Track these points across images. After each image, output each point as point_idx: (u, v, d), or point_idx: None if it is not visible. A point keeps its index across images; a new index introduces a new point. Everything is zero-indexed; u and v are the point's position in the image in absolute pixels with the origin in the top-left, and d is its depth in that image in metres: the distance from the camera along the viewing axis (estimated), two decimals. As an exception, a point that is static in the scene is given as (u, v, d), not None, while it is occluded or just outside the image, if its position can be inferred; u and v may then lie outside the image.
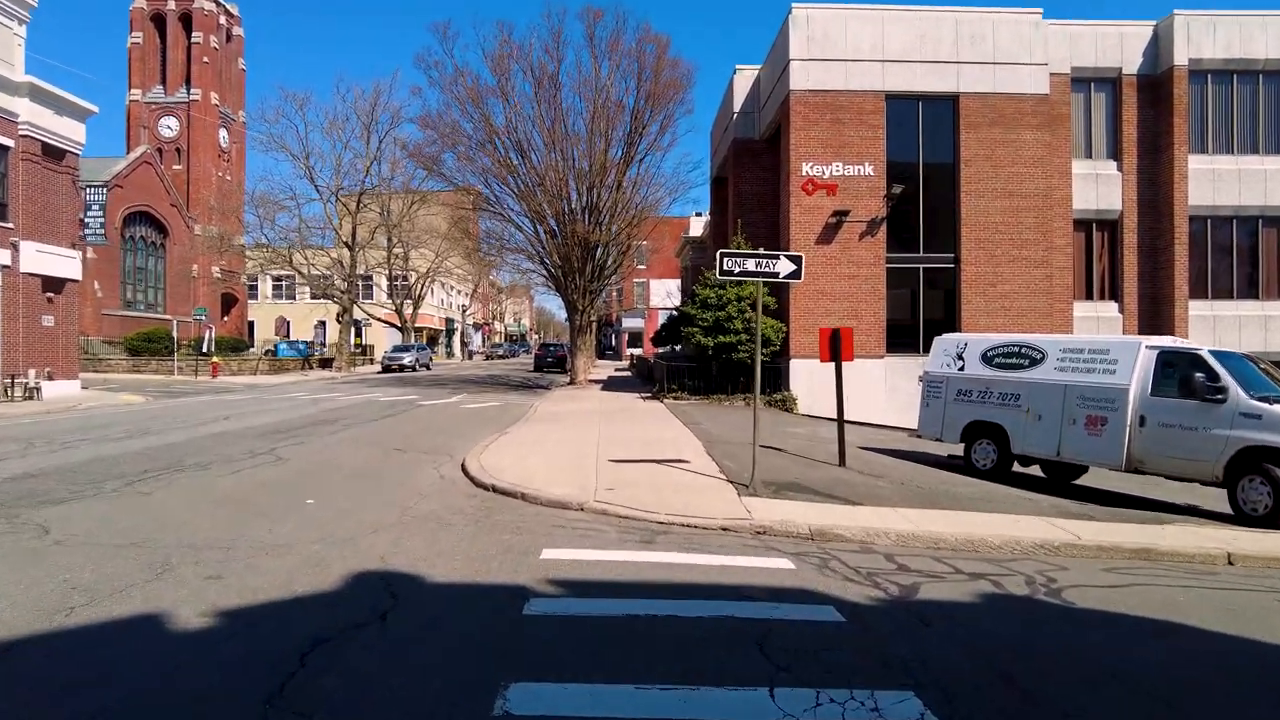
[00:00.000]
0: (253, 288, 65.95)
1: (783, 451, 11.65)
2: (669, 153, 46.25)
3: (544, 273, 28.73)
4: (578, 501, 7.64)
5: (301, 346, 45.14)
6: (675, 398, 19.54)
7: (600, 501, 7.64)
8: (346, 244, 41.89)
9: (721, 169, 26.98)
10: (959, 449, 12.20)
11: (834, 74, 19.89)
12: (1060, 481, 11.45)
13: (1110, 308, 21.08)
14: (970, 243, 20.03)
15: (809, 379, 19.46)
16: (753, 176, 23.63)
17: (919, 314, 20.29)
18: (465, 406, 19.47)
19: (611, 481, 8.63)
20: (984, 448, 11.78)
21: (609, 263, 27.80)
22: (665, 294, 50.88)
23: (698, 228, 41.13)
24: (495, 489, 8.45)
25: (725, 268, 8.52)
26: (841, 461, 10.78)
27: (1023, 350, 11.58)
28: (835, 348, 11.04)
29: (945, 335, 13.35)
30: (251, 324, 68.15)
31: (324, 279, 41.52)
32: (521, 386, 28.76)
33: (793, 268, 8.73)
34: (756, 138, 23.69)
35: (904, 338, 20.10)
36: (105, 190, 31.10)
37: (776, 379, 19.86)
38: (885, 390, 19.69)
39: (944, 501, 8.59)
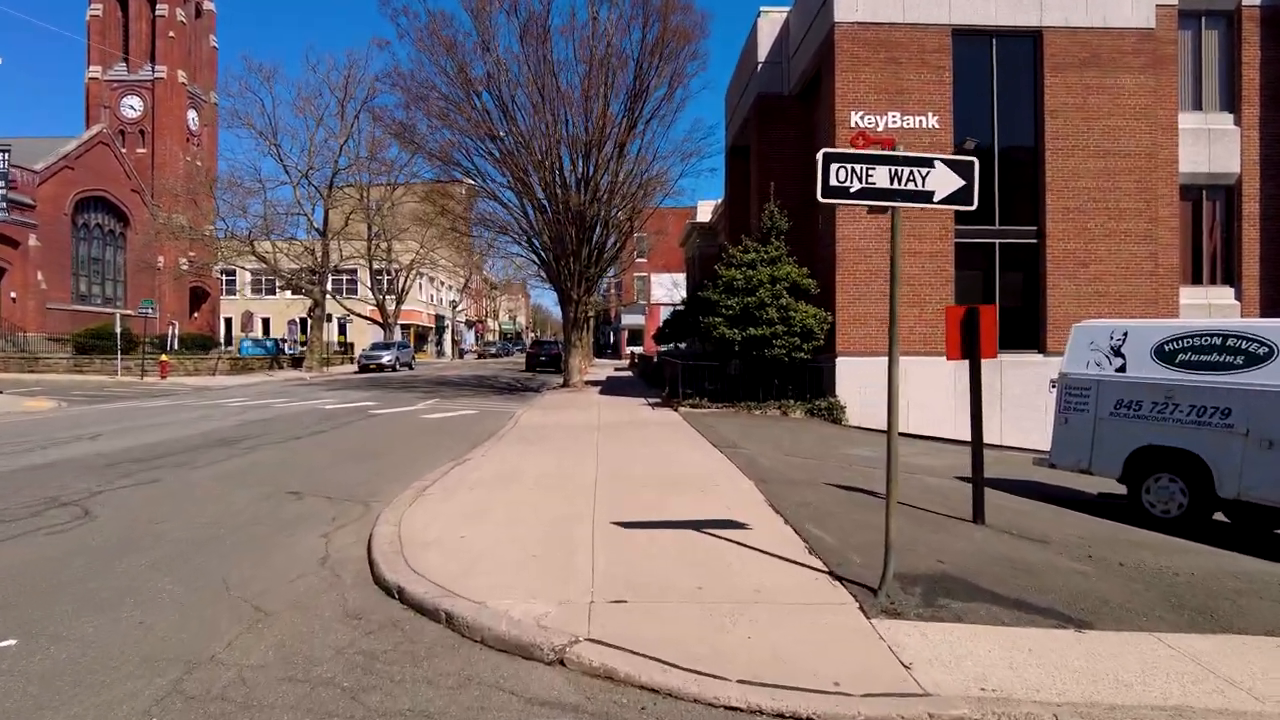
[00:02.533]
0: (230, 282, 62.11)
1: (874, 494, 7.75)
2: (679, 115, 41.13)
3: (534, 258, 24.83)
4: (553, 646, 3.73)
5: (270, 344, 41.18)
6: (693, 405, 15.65)
7: (599, 641, 3.76)
8: (318, 231, 37.93)
9: (739, 136, 23.08)
10: (1113, 482, 8.51)
11: (888, 3, 16.01)
12: (1264, 531, 7.81)
13: (1225, 293, 17.21)
14: (1057, 213, 16.15)
15: (860, 381, 15.58)
16: (780, 138, 19.73)
17: (994, 300, 16.39)
18: (428, 417, 15.54)
19: (621, 577, 4.73)
20: (1166, 486, 7.98)
21: (609, 245, 23.87)
22: (672, 284, 46.97)
23: (705, 213, 37.23)
24: (404, 596, 4.56)
25: (833, 183, 4.63)
26: (977, 516, 6.89)
27: (1234, 341, 7.70)
28: (970, 336, 7.16)
29: (1089, 322, 9.46)
30: (229, 321, 64.31)
31: (295, 271, 37.51)
32: (508, 389, 24.85)
33: (959, 183, 4.86)
34: (785, 92, 19.80)
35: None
36: (7, 156, 27.01)
37: (818, 381, 15.97)
38: (953, 395, 15.81)
39: (1229, 613, 4.68)
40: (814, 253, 17.44)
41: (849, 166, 4.64)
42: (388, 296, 48.17)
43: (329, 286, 57.65)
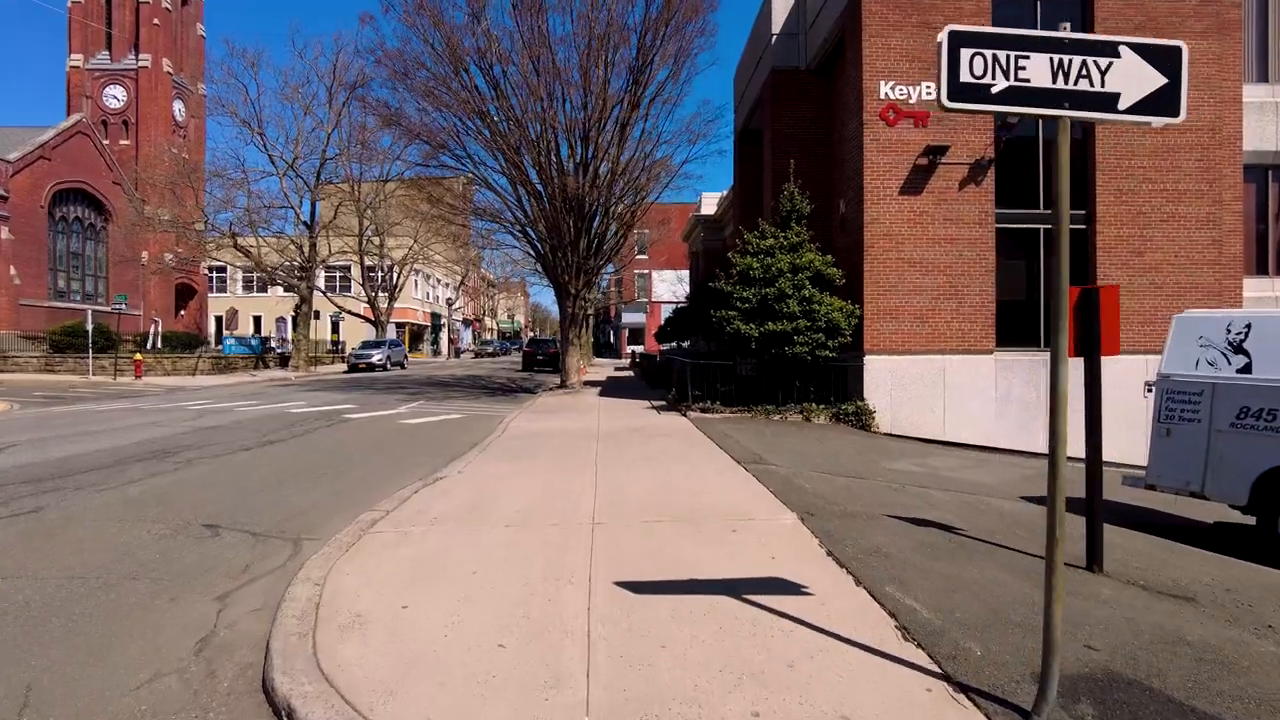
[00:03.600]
0: (220, 280, 60.54)
1: (949, 530, 6.05)
2: (685, 93, 38.38)
3: (529, 250, 23.15)
4: None
5: (255, 343, 39.48)
6: (703, 409, 13.95)
7: None
8: (305, 224, 36.23)
9: (750, 118, 21.38)
10: (1233, 509, 6.90)
11: (922, -40, 14.33)
12: None
13: (1292, 286, 15.56)
14: (1108, 194, 14.47)
15: (891, 383, 13.92)
16: (797, 117, 18.03)
17: (1038, 292, 14.74)
18: (408, 422, 13.86)
19: (633, 692, 3.07)
20: (1313, 518, 6.36)
21: (609, 235, 22.18)
22: (675, 280, 45.31)
23: (710, 205, 35.51)
24: (288, 732, 2.90)
25: (966, 78, 2.94)
26: (1093, 563, 5.21)
27: None
28: (1088, 325, 5.50)
29: (1195, 313, 7.77)
30: (219, 319, 62.73)
31: (278, 266, 35.79)
32: (501, 390, 23.18)
33: (1158, 80, 3.17)
34: (803, 66, 18.10)
35: (1019, 325, 14.56)
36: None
37: (843, 382, 14.29)
38: (995, 399, 14.15)
39: None
40: (832, 242, 15.78)
41: (990, 55, 2.96)
42: (380, 294, 46.48)
43: (321, 284, 56.18)
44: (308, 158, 35.46)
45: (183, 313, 51.27)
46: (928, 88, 14.20)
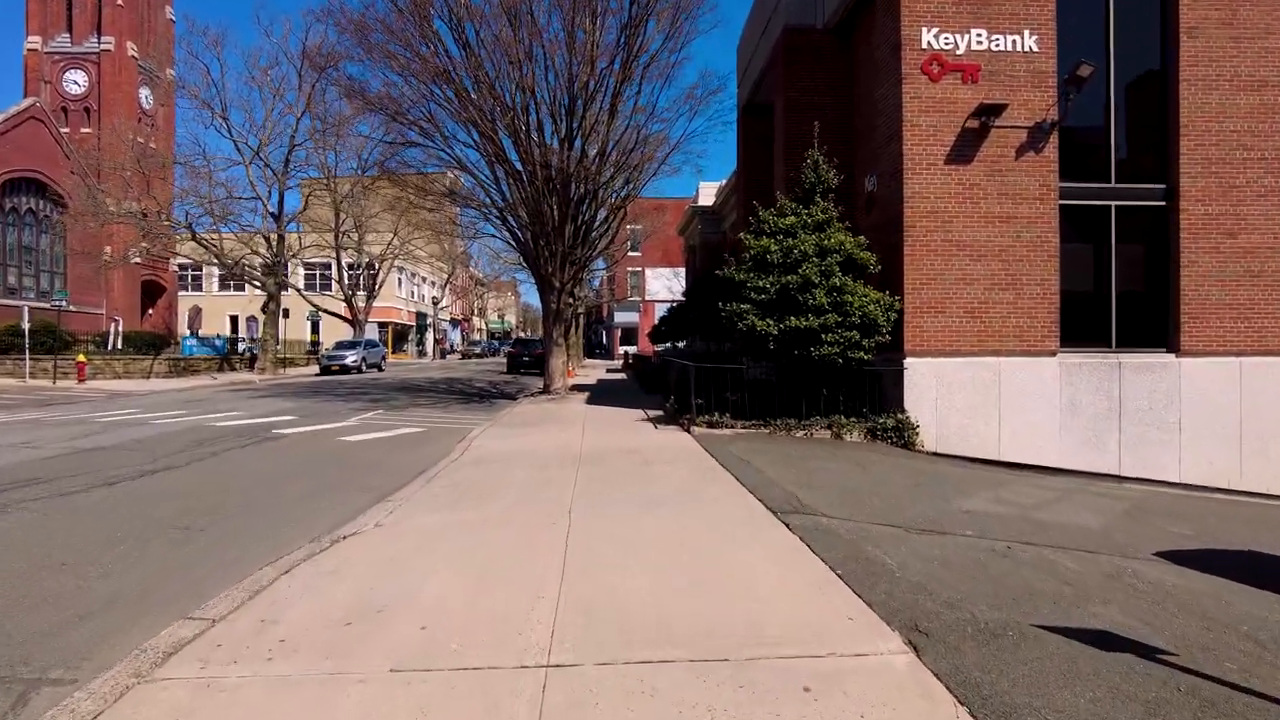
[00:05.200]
0: (195, 277, 57.83)
1: (1154, 656, 3.59)
2: (683, 59, 33.59)
3: (509, 241, 20.65)
4: None
5: (220, 343, 36.86)
6: (709, 423, 11.44)
7: None
8: (272, 215, 33.59)
9: (758, 89, 18.91)
10: None
11: (971, -117, 11.92)
12: None
13: (1404, 275, 13.20)
14: (1194, 165, 12.10)
15: (936, 390, 11.50)
16: (812, 84, 15.60)
17: (1109, 283, 12.35)
18: (349, 440, 11.34)
19: None
20: None
21: (598, 221, 19.72)
22: (672, 277, 42.88)
23: (708, 195, 33.07)
24: None
25: None
26: None
27: None
28: None
29: None
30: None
31: (239, 260, 33.17)
32: (477, 396, 20.68)
33: None
34: (819, 25, 15.66)
35: (1086, 321, 12.18)
36: None
37: (876, 389, 11.81)
38: (1059, 409, 11.75)
39: None
40: (856, 223, 13.33)
41: None
42: (358, 291, 43.88)
43: (301, 282, 53.48)
44: (274, 140, 32.79)
45: (151, 312, 48.47)
46: (978, 35, 11.80)
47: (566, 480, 7.47)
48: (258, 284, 34.18)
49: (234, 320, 58.56)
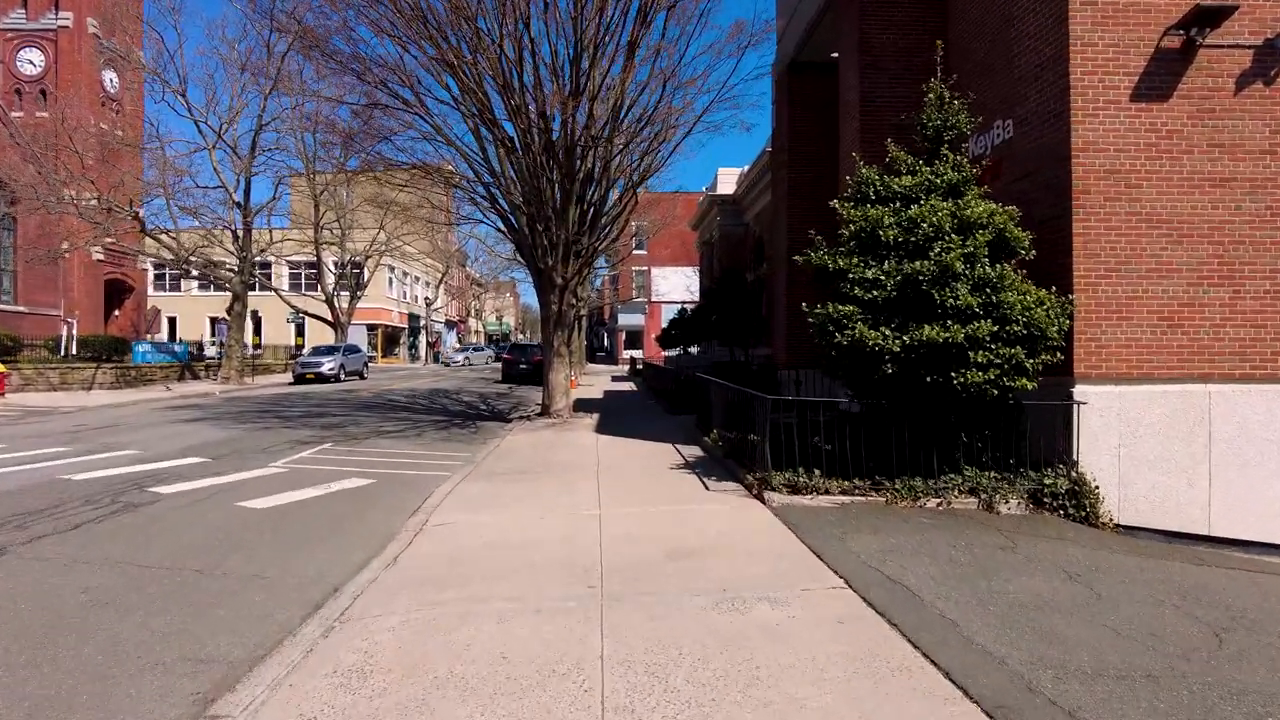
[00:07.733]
0: (175, 277, 54.01)
1: None
2: (712, 7, 27.67)
3: (500, 228, 16.93)
4: None
5: (180, 349, 33.11)
6: (791, 485, 7.57)
7: None
8: (238, 205, 29.81)
9: (809, 38, 15.11)
10: None
11: None
12: None
13: None
14: None
15: (1120, 433, 7.75)
16: (900, 17, 11.92)
17: (1357, 276, 8.59)
18: (249, 506, 7.55)
19: None
20: None
21: (609, 203, 15.99)
22: (684, 275, 39.15)
23: (728, 183, 29.35)
24: None
25: None
26: None
27: None
28: None
29: None
30: (173, 320, 56.33)
31: (196, 254, 29.41)
32: (460, 417, 16.92)
33: None
34: (904, -61, 11.93)
35: (1326, 332, 8.43)
36: None
37: (1020, 429, 7.99)
38: (1297, 460, 7.99)
39: None
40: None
41: None
42: (339, 292, 40.15)
43: (285, 281, 49.75)
44: (240, 120, 29.01)
45: (117, 314, 44.66)
46: (1176, -85, 8.06)
47: (579, 671, 3.72)
48: (224, 283, 30.43)
49: (213, 323, 54.84)
